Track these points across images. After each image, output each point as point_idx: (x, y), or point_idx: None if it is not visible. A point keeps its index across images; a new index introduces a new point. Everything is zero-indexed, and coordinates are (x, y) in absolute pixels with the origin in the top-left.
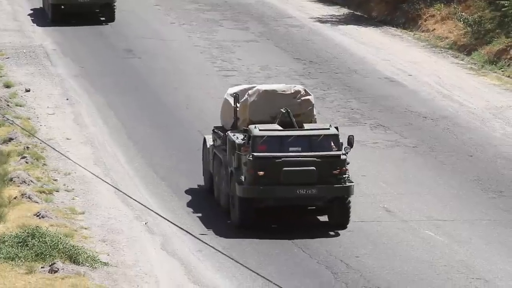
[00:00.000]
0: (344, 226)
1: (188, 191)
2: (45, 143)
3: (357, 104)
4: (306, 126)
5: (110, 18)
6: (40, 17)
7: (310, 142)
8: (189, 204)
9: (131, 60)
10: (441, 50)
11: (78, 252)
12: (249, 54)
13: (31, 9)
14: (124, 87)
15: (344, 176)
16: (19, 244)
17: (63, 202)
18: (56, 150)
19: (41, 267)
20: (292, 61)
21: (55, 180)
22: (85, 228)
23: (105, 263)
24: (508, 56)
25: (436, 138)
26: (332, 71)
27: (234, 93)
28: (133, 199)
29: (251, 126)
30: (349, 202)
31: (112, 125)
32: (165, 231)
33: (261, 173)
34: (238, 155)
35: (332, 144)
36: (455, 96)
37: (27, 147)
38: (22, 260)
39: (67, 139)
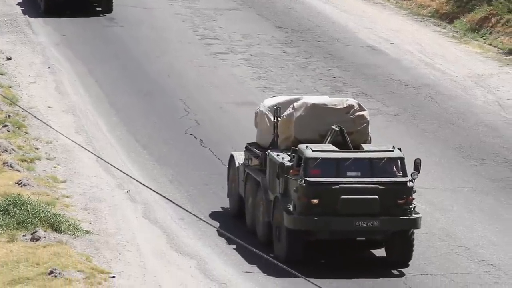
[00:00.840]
0: (406, 264)
1: (170, 160)
2: (26, 111)
3: (340, 72)
4: (364, 146)
5: (108, 9)
6: None
7: (371, 166)
8: (171, 172)
9: (113, 28)
10: (423, 18)
11: (60, 220)
12: (231, 23)
13: None
14: (106, 55)
15: (410, 206)
16: (1, 213)
17: (45, 171)
18: (38, 119)
19: (23, 236)
20: (274, 29)
21: (37, 148)
22: (67, 197)
23: (87, 231)
24: (490, 24)
25: (418, 106)
26: (314, 40)
27: (274, 105)
28: (115, 168)
29: (302, 146)
30: (413, 235)
31: (94, 94)
32: (147, 199)
33: (315, 201)
34: (285, 179)
35: (396, 168)
36: (437, 64)
37: (9, 116)
38: (3, 229)
39: (49, 107)
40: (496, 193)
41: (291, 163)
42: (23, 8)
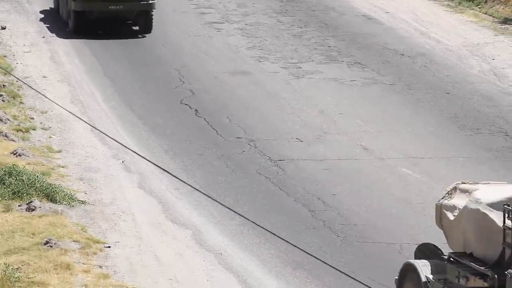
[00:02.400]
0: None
1: (165, 130)
2: (21, 81)
3: (334, 42)
4: None
5: (147, 28)
6: None
7: None
8: (166, 143)
9: None
10: None
11: (55, 190)
12: None
13: None
14: (101, 25)
15: None
16: None
17: (40, 141)
18: (33, 88)
19: (18, 205)
20: None
21: (32, 118)
22: (62, 167)
23: (82, 201)
24: None
25: (413, 76)
26: (309, 9)
27: (501, 201)
28: (110, 138)
29: None
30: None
31: (89, 63)
32: (142, 170)
33: None
34: None
35: None
36: (432, 33)
37: (3, 85)
38: None
39: (44, 77)
40: (491, 163)
41: None
42: None
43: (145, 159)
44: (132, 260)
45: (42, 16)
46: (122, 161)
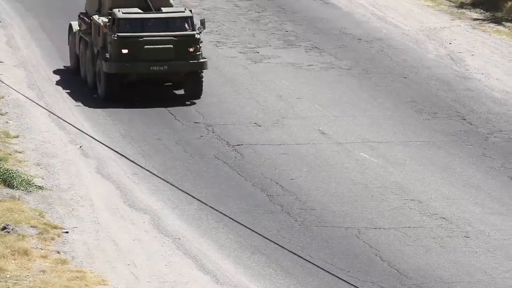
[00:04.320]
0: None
1: (122, 115)
2: None
3: (292, 26)
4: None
5: (195, 93)
6: None
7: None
8: (123, 128)
9: None
10: None
11: (13, 176)
12: None
13: None
14: (57, 9)
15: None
16: None
17: None
18: None
19: None
20: None
21: None
22: (20, 152)
23: (40, 186)
24: None
25: (370, 60)
26: None
27: None
28: (68, 123)
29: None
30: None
31: (46, 48)
32: (100, 155)
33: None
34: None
35: (187, 25)
36: (389, 17)
37: None
38: None
39: (0, 62)
40: (448, 147)
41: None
42: None
43: (103, 144)
44: (90, 245)
45: None
46: (80, 147)
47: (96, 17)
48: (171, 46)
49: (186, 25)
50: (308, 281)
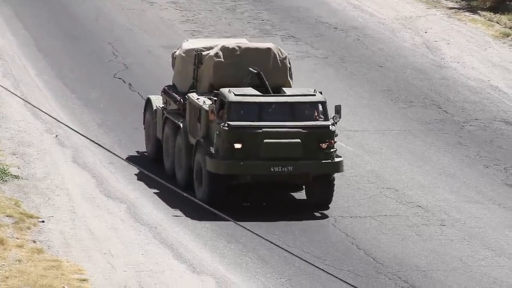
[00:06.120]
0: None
1: (98, 105)
2: None
3: (268, 15)
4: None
5: (325, 199)
6: None
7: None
8: (100, 117)
9: None
10: None
11: None
12: None
13: None
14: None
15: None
16: None
17: None
18: None
19: None
20: None
21: None
22: None
23: (15, 176)
24: None
25: (346, 49)
26: None
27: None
28: (43, 112)
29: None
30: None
31: (21, 37)
32: (76, 144)
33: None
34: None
35: (317, 112)
36: (365, 6)
37: None
38: None
39: None
40: (424, 136)
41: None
42: None
43: (79, 133)
44: (66, 234)
45: None
46: (56, 136)
47: (194, 96)
48: (299, 140)
49: (317, 113)
50: (285, 269)
